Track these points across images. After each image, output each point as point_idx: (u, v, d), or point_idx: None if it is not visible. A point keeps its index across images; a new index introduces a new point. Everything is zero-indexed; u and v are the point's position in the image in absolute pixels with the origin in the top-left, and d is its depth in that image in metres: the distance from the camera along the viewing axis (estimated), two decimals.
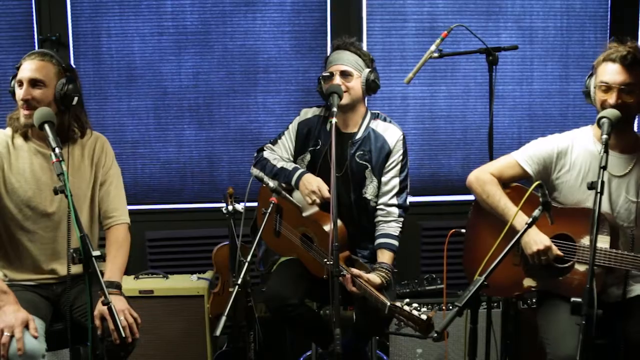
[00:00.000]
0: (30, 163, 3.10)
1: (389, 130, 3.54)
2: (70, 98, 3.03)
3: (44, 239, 3.15)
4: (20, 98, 2.99)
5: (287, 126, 3.72)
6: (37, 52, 3.06)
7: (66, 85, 3.01)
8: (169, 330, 4.11)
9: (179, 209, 4.78)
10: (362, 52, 3.51)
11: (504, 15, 4.61)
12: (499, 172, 3.31)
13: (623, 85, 2.95)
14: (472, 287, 2.46)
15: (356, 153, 3.52)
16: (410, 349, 4.09)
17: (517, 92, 4.67)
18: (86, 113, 3.23)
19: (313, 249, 3.46)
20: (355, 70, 3.46)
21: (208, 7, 4.60)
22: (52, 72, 3.02)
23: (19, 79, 3.00)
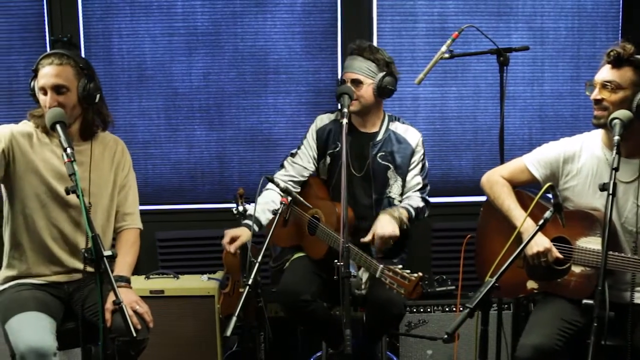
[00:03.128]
0: (51, 156, 3.13)
1: (409, 132, 3.65)
2: (93, 97, 3.07)
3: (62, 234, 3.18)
4: (47, 106, 3.01)
5: (304, 135, 3.78)
6: (54, 55, 3.07)
7: (88, 85, 3.06)
8: (179, 330, 4.11)
9: (190, 209, 4.79)
10: (377, 56, 3.53)
11: (515, 15, 4.59)
12: (510, 175, 3.33)
13: (605, 81, 2.95)
14: (483, 289, 2.46)
15: (378, 154, 3.58)
16: (421, 350, 4.08)
17: (528, 93, 4.66)
18: (107, 105, 3.27)
19: (318, 228, 3.56)
20: (366, 78, 3.49)
21: (219, 8, 4.61)
22: (71, 75, 3.04)
23: (42, 85, 3.02)
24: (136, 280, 4.14)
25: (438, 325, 4.07)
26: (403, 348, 4.10)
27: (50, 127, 2.80)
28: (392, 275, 3.07)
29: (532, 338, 2.91)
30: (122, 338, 2.89)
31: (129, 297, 3.02)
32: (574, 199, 3.16)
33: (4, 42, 4.60)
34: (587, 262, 3.00)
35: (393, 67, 3.58)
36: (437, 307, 4.09)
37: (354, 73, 3.51)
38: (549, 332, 2.92)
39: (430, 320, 4.08)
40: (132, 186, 3.40)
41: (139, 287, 3.78)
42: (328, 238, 3.48)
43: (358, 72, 3.50)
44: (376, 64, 3.52)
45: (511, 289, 3.24)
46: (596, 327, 2.45)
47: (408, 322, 4.06)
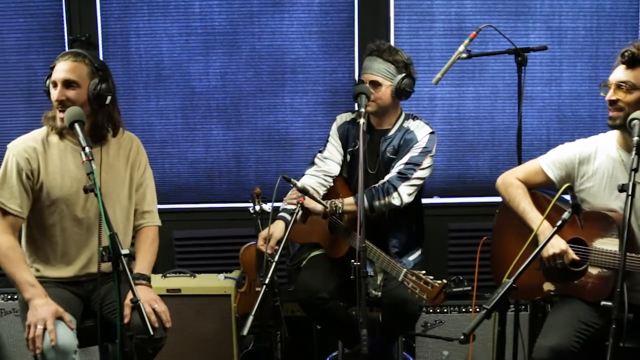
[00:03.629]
0: (65, 161, 3.14)
1: (420, 127, 3.61)
2: (103, 97, 3.07)
3: (78, 235, 3.19)
4: (54, 99, 3.03)
5: (328, 133, 3.80)
6: (70, 53, 3.09)
7: (99, 85, 3.05)
8: (195, 329, 4.13)
9: (207, 209, 4.80)
10: (396, 57, 3.51)
11: (533, 15, 4.57)
12: (525, 177, 3.32)
13: (620, 82, 2.93)
14: (500, 290, 2.45)
15: (387, 148, 3.56)
16: (437, 350, 4.08)
17: (546, 93, 4.63)
18: (119, 111, 3.26)
19: (339, 226, 3.55)
20: (385, 80, 3.49)
21: (236, 7, 4.62)
22: (84, 73, 3.05)
23: (53, 79, 3.04)
24: (153, 279, 4.12)
25: (454, 325, 4.06)
26: (419, 348, 4.10)
27: (68, 126, 2.82)
28: (415, 280, 3.07)
29: (549, 339, 2.90)
30: (139, 336, 2.91)
31: (148, 296, 3.04)
32: (589, 200, 3.14)
33: (24, 41, 4.64)
34: (604, 264, 2.99)
35: (411, 69, 3.57)
36: (453, 307, 4.08)
37: (373, 75, 3.50)
38: (566, 334, 2.91)
39: (447, 321, 4.07)
40: (150, 184, 3.41)
41: (156, 286, 3.78)
42: (350, 239, 3.47)
43: (377, 74, 3.50)
44: (395, 65, 3.51)
45: (528, 290, 3.22)
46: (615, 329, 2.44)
47: (424, 323, 4.06)
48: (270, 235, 3.46)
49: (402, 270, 3.16)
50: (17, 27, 4.64)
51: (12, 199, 3.07)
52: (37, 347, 2.82)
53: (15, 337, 4.19)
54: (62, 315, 2.93)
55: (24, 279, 3.00)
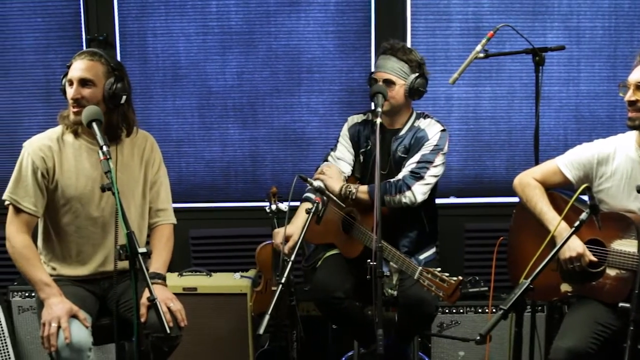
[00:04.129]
0: (80, 160, 3.16)
1: (431, 125, 3.60)
2: (118, 97, 3.08)
3: (93, 234, 3.21)
4: (70, 97, 3.05)
5: (339, 134, 3.80)
6: (87, 52, 3.11)
7: (114, 85, 3.06)
8: (211, 327, 4.14)
9: (223, 208, 4.81)
10: (410, 57, 3.51)
11: (551, 15, 4.54)
12: (543, 177, 3.30)
13: (638, 82, 2.91)
14: (518, 290, 2.44)
15: (398, 147, 3.55)
16: (453, 351, 4.07)
17: (564, 93, 4.60)
18: (134, 111, 3.27)
19: (354, 227, 3.55)
20: (398, 78, 3.48)
21: (252, 7, 4.63)
22: (101, 72, 3.06)
23: (70, 78, 3.06)
24: (169, 278, 4.15)
25: (470, 326, 4.05)
26: (435, 349, 4.09)
27: (86, 125, 2.83)
28: (431, 277, 3.07)
29: (566, 341, 2.89)
30: (155, 334, 2.92)
31: (163, 295, 3.06)
32: (608, 201, 3.13)
33: (42, 41, 4.68)
34: (622, 265, 2.97)
35: (425, 68, 3.56)
36: (470, 308, 4.08)
37: (387, 73, 3.50)
38: (583, 335, 2.89)
39: (463, 322, 4.06)
40: (164, 182, 3.43)
41: (172, 284, 3.80)
42: (364, 237, 3.48)
43: (391, 73, 3.49)
44: (409, 65, 3.50)
45: (545, 291, 3.21)
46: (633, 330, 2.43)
47: (440, 323, 4.05)
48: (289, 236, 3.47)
49: (417, 269, 3.15)
50: (36, 26, 4.67)
51: (26, 198, 3.09)
52: (51, 345, 2.84)
53: (32, 334, 4.22)
54: (77, 313, 2.95)
55: (39, 278, 3.02)
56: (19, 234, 3.07)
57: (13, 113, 4.75)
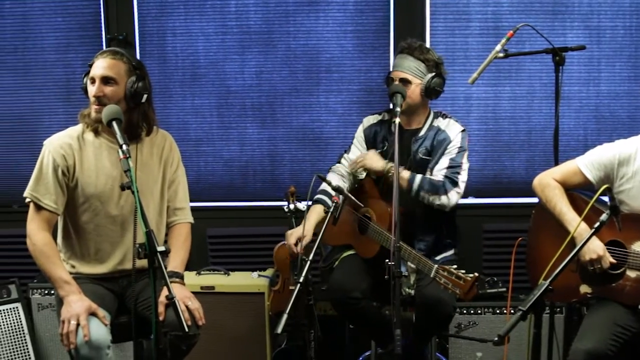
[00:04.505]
0: (100, 158, 3.17)
1: (450, 125, 3.59)
2: (139, 95, 3.10)
3: (112, 232, 3.22)
4: (92, 95, 3.07)
5: (354, 135, 3.80)
6: (109, 51, 3.13)
7: (136, 83, 3.08)
8: (229, 326, 4.15)
9: (241, 207, 4.82)
10: (427, 56, 3.50)
11: (571, 14, 4.51)
12: (563, 178, 3.28)
13: None
14: (537, 291, 2.43)
15: (419, 149, 3.55)
16: (470, 352, 4.05)
17: (584, 93, 4.57)
18: (154, 110, 3.28)
19: (369, 227, 3.54)
20: (415, 78, 3.47)
21: (271, 6, 4.63)
22: (122, 70, 3.08)
23: (92, 76, 3.08)
24: (187, 276, 4.16)
25: (488, 327, 4.04)
26: (452, 349, 4.08)
27: (106, 124, 2.85)
28: (447, 275, 3.06)
29: (585, 343, 2.87)
30: (174, 333, 2.93)
31: (181, 293, 3.07)
32: (629, 202, 3.10)
33: (62, 40, 4.71)
34: None
35: (442, 68, 3.55)
36: (488, 309, 4.06)
37: (403, 72, 3.49)
38: (603, 337, 2.87)
39: (480, 322, 4.05)
40: (182, 181, 3.44)
41: (190, 283, 3.81)
42: (380, 237, 3.47)
43: (407, 72, 3.48)
44: (426, 64, 3.49)
45: (564, 292, 3.19)
46: None
47: (458, 324, 4.04)
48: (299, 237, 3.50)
49: (433, 267, 3.14)
50: (56, 26, 4.71)
51: (47, 195, 3.11)
52: (70, 342, 2.86)
53: (52, 331, 4.25)
54: (96, 311, 2.97)
55: (59, 275, 3.05)
56: (39, 231, 3.09)
57: (34, 112, 4.79)
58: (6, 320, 4.16)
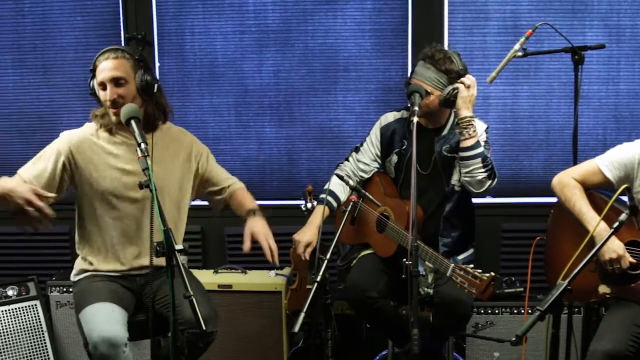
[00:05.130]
0: (115, 155, 3.19)
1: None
2: (151, 87, 3.12)
3: (128, 228, 3.24)
4: (107, 99, 3.07)
5: (368, 133, 3.78)
6: (109, 51, 3.13)
7: (145, 76, 3.10)
8: (246, 324, 4.16)
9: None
10: (450, 67, 3.43)
11: (590, 13, 4.48)
12: (582, 177, 3.26)
13: None
14: (555, 292, 2.42)
15: (443, 148, 3.53)
16: (487, 352, 4.04)
17: (603, 92, 4.54)
18: (165, 95, 3.31)
19: (388, 226, 3.53)
20: (434, 89, 3.44)
21: (289, 5, 4.64)
22: (128, 67, 3.10)
23: (101, 80, 3.08)
24: (204, 275, 4.20)
25: (505, 327, 4.02)
26: (469, 349, 4.06)
27: (125, 123, 2.86)
28: (464, 274, 3.06)
29: (604, 343, 2.85)
30: (191, 330, 2.94)
31: (263, 229, 3.33)
32: None
33: (81, 39, 4.73)
34: None
35: None
36: (505, 309, 4.04)
37: (424, 83, 3.43)
38: (621, 338, 2.85)
39: (498, 322, 4.03)
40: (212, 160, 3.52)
41: (207, 281, 3.83)
42: (397, 236, 3.47)
43: (428, 83, 3.43)
44: (448, 76, 3.43)
45: (582, 293, 3.17)
46: None
47: (475, 324, 4.02)
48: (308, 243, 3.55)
49: (449, 266, 3.14)
50: (75, 25, 4.73)
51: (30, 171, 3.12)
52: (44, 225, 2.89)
53: (70, 329, 4.28)
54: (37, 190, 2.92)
55: None
56: None
57: (52, 110, 4.82)
58: (25, 318, 4.19)
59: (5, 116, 4.86)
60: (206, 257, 4.86)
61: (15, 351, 4.11)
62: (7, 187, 2.88)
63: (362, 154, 3.75)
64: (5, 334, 4.10)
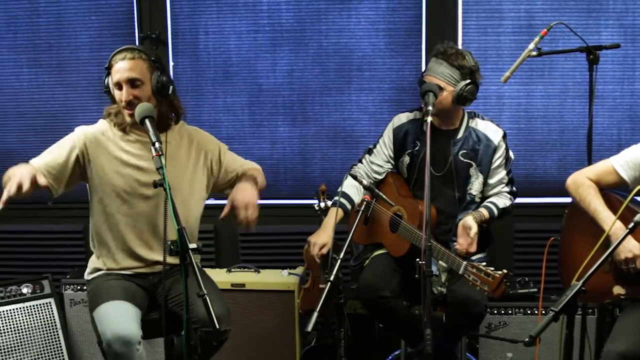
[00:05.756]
0: (128, 152, 3.20)
1: (490, 128, 3.58)
2: (166, 88, 3.13)
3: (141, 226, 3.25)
4: (123, 100, 3.08)
5: (381, 134, 3.78)
6: (126, 50, 3.13)
7: (161, 77, 3.11)
8: (259, 323, 4.16)
9: (272, 205, 4.83)
10: (463, 63, 3.43)
11: (605, 12, 4.46)
12: (597, 177, 3.24)
13: None
14: (569, 292, 2.41)
15: (459, 152, 3.53)
16: (500, 352, 4.03)
17: (618, 92, 4.52)
18: (179, 98, 3.31)
19: (401, 225, 3.53)
20: (447, 85, 3.43)
21: (303, 5, 4.64)
22: (145, 68, 3.10)
23: (117, 81, 3.09)
24: (218, 274, 4.21)
25: (519, 327, 4.01)
26: (483, 350, 4.05)
27: (139, 122, 2.87)
28: (476, 272, 3.06)
29: (618, 345, 2.83)
30: (204, 329, 2.95)
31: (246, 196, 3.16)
32: None
33: (96, 39, 4.76)
34: None
35: (477, 75, 3.49)
36: (519, 309, 4.03)
37: (437, 78, 3.43)
38: (636, 340, 2.84)
39: (511, 323, 4.02)
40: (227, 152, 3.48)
41: (220, 280, 3.84)
42: (410, 235, 3.46)
43: (441, 78, 3.43)
44: (460, 71, 3.43)
45: (597, 293, 3.15)
46: None
47: (488, 324, 4.01)
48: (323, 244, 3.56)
49: (462, 263, 3.15)
50: (90, 25, 4.76)
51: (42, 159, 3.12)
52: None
53: (84, 326, 4.30)
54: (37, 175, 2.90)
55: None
56: None
57: (67, 110, 4.85)
58: (39, 315, 4.21)
59: (21, 115, 4.89)
60: (219, 256, 4.88)
61: (30, 348, 4.13)
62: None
63: (375, 156, 3.75)
64: (20, 331, 4.12)
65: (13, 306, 4.16)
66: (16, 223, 4.90)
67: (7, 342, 4.08)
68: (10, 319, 4.13)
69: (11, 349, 4.08)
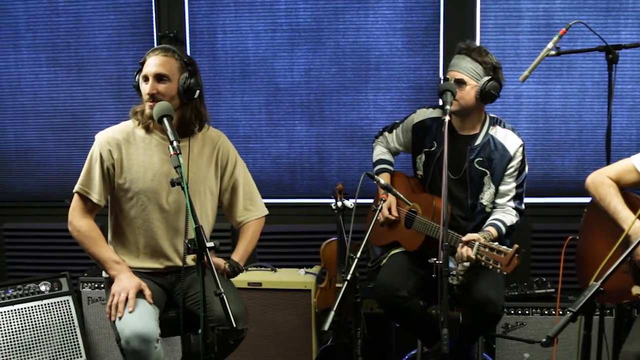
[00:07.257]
0: (150, 154, 3.21)
1: (509, 138, 3.54)
2: (192, 91, 3.14)
3: (160, 227, 3.26)
4: (146, 92, 3.11)
5: (403, 119, 3.81)
6: (161, 48, 3.17)
7: (188, 80, 3.12)
8: (275, 322, 4.17)
9: (289, 204, 4.84)
10: (485, 59, 3.43)
11: (625, 11, 4.43)
12: (617, 176, 3.21)
13: None
14: (587, 293, 2.39)
15: (475, 159, 3.51)
16: (517, 352, 4.02)
17: (637, 91, 4.49)
18: (206, 106, 3.32)
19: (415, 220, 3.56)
20: (470, 79, 3.42)
21: (321, 4, 4.64)
22: (175, 67, 3.12)
23: (145, 74, 3.12)
24: None
25: (536, 328, 3.99)
26: (499, 350, 4.04)
27: (157, 120, 2.89)
28: (488, 251, 3.07)
29: (636, 346, 2.82)
30: (221, 327, 2.96)
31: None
32: None
33: (114, 37, 4.79)
34: None
35: (500, 73, 3.47)
36: (536, 309, 4.01)
37: (459, 72, 3.43)
38: None
39: (528, 323, 4.01)
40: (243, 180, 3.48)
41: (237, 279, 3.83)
42: (425, 228, 3.46)
43: (463, 72, 3.43)
44: (483, 66, 3.42)
45: (615, 294, 3.13)
46: None
47: (505, 324, 4.00)
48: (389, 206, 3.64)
49: (474, 244, 3.14)
50: (109, 24, 4.79)
51: (93, 188, 3.19)
52: (118, 312, 2.98)
53: (101, 324, 4.32)
54: (144, 288, 3.07)
55: (108, 256, 3.16)
56: (83, 218, 3.20)
57: (86, 108, 4.88)
58: (57, 313, 4.24)
59: (39, 114, 4.93)
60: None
61: (48, 346, 4.16)
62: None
63: (392, 136, 3.85)
64: (38, 328, 4.16)
65: (31, 304, 4.20)
66: (34, 221, 4.94)
67: (25, 340, 4.11)
68: (29, 317, 4.16)
69: (29, 346, 4.11)
